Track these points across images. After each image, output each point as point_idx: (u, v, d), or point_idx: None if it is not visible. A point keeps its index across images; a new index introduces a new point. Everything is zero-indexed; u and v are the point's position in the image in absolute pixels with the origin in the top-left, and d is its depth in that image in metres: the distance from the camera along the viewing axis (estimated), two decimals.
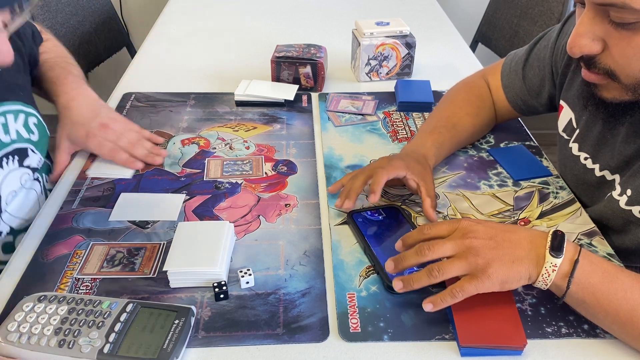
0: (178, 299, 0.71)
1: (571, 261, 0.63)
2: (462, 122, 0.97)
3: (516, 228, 0.67)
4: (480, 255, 0.63)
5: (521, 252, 0.64)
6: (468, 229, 0.66)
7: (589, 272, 0.63)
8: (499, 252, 0.63)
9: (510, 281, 0.64)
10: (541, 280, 0.63)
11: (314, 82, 1.20)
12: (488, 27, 1.94)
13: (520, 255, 0.63)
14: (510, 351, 0.63)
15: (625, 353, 0.64)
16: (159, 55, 1.40)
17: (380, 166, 0.84)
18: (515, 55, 1.01)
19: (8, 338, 0.61)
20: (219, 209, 0.86)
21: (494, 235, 0.65)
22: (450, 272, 0.64)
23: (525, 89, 0.98)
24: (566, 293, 0.63)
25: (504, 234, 0.65)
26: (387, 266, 0.69)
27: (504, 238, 0.65)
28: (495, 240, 0.64)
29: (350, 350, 0.65)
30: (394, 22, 1.24)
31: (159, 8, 1.75)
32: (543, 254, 0.63)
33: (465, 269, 0.64)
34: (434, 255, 0.65)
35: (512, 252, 0.63)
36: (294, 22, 1.61)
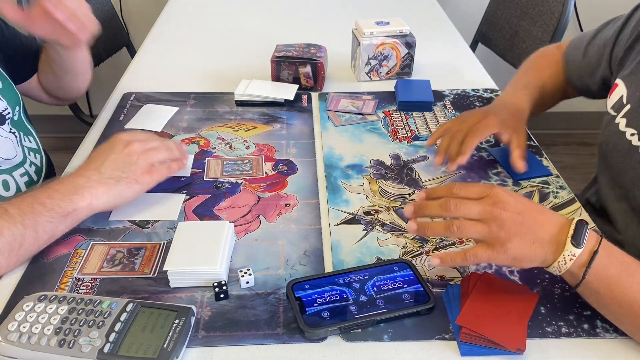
0: (178, 298, 0.71)
1: (590, 252, 0.63)
2: (547, 84, 1.03)
3: (544, 209, 0.67)
4: (504, 227, 0.63)
5: (544, 234, 0.63)
6: (499, 198, 0.65)
7: (607, 264, 0.63)
8: (523, 229, 0.63)
9: (524, 260, 0.64)
10: (556, 266, 0.63)
11: (314, 81, 1.20)
12: (488, 27, 1.94)
13: (542, 238, 0.63)
14: (510, 352, 0.63)
15: (625, 353, 0.64)
16: (159, 55, 1.40)
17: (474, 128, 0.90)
18: (584, 34, 1.04)
19: (8, 338, 0.61)
20: (219, 208, 0.86)
21: (522, 211, 0.64)
22: (469, 232, 0.64)
23: (583, 65, 1.00)
24: (581, 282, 0.63)
25: (532, 212, 0.65)
26: (405, 209, 0.70)
27: (531, 217, 0.64)
28: (523, 217, 0.64)
29: (350, 350, 0.65)
30: (394, 22, 1.24)
31: (159, 8, 1.75)
32: (564, 241, 0.63)
33: (484, 236, 0.64)
34: (458, 212, 0.65)
35: (535, 232, 0.63)
36: (294, 22, 1.61)
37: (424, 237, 0.81)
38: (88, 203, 0.76)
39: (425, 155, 1.00)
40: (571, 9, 1.64)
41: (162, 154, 0.86)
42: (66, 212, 0.74)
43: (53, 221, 0.73)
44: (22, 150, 0.96)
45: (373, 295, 0.69)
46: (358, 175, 0.94)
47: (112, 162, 0.80)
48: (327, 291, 0.70)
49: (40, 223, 0.72)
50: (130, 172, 0.80)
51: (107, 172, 0.79)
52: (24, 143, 0.97)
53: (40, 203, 0.73)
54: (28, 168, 0.96)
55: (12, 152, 0.93)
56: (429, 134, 1.06)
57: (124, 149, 0.82)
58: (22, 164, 0.95)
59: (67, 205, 0.74)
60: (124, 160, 0.81)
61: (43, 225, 0.73)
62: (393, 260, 0.76)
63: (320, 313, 0.67)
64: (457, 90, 1.22)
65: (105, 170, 0.79)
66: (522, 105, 0.96)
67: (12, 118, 0.95)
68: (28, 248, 0.73)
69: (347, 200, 0.88)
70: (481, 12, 1.98)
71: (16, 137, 0.95)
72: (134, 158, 0.81)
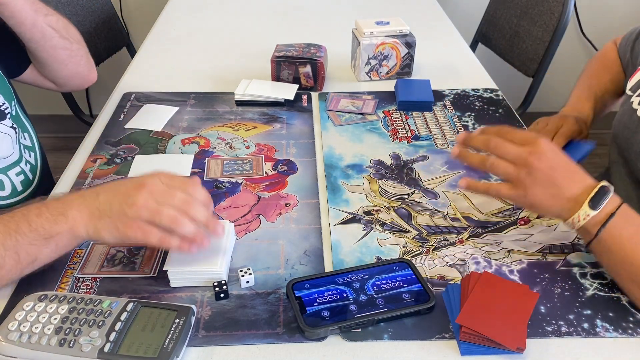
0: (178, 298, 0.71)
1: (607, 214, 0.66)
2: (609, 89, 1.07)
3: (577, 171, 0.70)
4: (531, 175, 0.68)
5: (566, 192, 0.68)
6: (538, 149, 0.69)
7: (622, 225, 0.65)
8: (548, 183, 0.68)
9: (540, 210, 0.71)
10: (570, 222, 0.68)
11: (314, 81, 1.20)
12: (488, 27, 1.94)
13: (563, 195, 0.68)
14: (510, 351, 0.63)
15: (625, 353, 0.65)
16: (159, 55, 1.40)
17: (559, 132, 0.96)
18: (635, 28, 1.07)
19: (9, 337, 0.61)
20: (219, 208, 0.86)
21: (555, 167, 0.68)
22: (500, 170, 0.71)
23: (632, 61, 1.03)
24: (594, 239, 0.67)
25: (564, 171, 0.69)
26: (457, 137, 0.77)
27: (561, 174, 0.68)
28: (553, 172, 0.68)
29: (350, 349, 0.65)
30: (394, 22, 1.24)
31: (159, 8, 1.75)
32: (582, 202, 0.67)
33: (511, 178, 0.70)
34: (495, 151, 0.71)
35: (559, 188, 0.68)
36: (294, 22, 1.61)
37: (424, 238, 0.81)
38: (70, 227, 0.68)
39: (425, 155, 1.00)
40: (571, 9, 1.64)
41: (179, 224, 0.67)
42: (49, 235, 0.67)
43: (36, 243, 0.67)
44: (18, 148, 0.96)
45: (373, 294, 0.69)
46: (358, 175, 0.94)
47: (112, 194, 0.69)
48: (327, 291, 0.70)
49: (23, 245, 0.66)
50: (118, 216, 0.67)
51: (100, 201, 0.69)
52: (20, 140, 0.97)
53: (27, 221, 0.67)
54: (24, 167, 0.96)
55: (9, 150, 0.92)
56: (429, 133, 1.06)
57: (134, 189, 0.68)
58: (17, 162, 0.95)
59: (50, 227, 0.67)
60: (121, 200, 0.68)
61: (25, 248, 0.66)
62: (393, 259, 0.76)
63: (320, 312, 0.67)
64: (457, 90, 1.22)
65: (101, 198, 0.69)
66: (587, 119, 1.02)
67: (11, 113, 0.95)
68: (10, 270, 0.66)
69: (347, 200, 0.88)
70: (481, 12, 1.98)
71: (16, 133, 0.95)
72: (133, 204, 0.67)
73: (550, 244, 0.80)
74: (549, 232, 0.82)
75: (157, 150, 1.00)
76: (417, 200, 0.88)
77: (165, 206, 0.67)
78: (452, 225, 0.84)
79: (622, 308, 0.70)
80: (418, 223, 0.84)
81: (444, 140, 1.04)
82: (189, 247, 0.68)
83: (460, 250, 0.79)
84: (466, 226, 0.83)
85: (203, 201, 0.70)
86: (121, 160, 0.98)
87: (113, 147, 1.01)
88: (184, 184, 0.70)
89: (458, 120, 1.11)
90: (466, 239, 0.81)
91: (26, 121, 1.02)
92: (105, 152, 1.00)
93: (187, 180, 0.71)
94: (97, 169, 0.95)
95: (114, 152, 1.00)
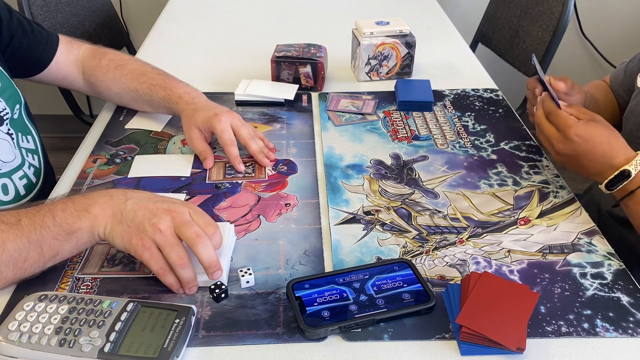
0: (178, 298, 0.71)
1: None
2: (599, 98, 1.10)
3: (604, 156, 0.79)
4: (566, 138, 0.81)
5: (587, 169, 0.82)
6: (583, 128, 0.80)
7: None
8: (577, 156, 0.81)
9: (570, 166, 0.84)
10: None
11: (314, 81, 1.20)
12: (488, 27, 1.94)
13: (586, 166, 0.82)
14: (510, 351, 0.63)
15: (625, 353, 0.65)
16: (159, 55, 1.40)
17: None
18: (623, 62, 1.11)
19: (9, 337, 0.61)
20: (219, 208, 0.86)
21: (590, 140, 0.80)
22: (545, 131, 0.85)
23: (626, 80, 1.07)
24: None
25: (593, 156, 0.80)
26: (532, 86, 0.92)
27: (592, 153, 0.80)
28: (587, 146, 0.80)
29: (350, 349, 0.65)
30: (394, 22, 1.24)
31: (159, 8, 1.75)
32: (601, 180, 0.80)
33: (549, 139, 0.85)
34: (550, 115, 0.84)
35: (581, 160, 0.81)
36: (294, 22, 1.61)
37: (424, 238, 0.81)
38: (91, 224, 0.69)
39: (425, 155, 1.00)
40: (571, 9, 1.64)
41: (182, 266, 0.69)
42: (71, 230, 0.68)
43: (59, 238, 0.68)
44: (19, 152, 0.96)
45: (373, 294, 0.69)
46: (358, 175, 0.94)
47: (139, 205, 0.70)
48: (327, 291, 0.70)
49: (46, 239, 0.67)
50: (137, 228, 0.68)
51: (127, 206, 0.70)
52: (21, 144, 0.97)
53: (53, 215, 0.68)
54: (27, 170, 0.96)
55: (10, 155, 0.92)
56: (429, 133, 1.06)
57: (162, 211, 0.69)
58: (20, 166, 0.95)
59: (73, 222, 0.68)
60: (146, 214, 0.69)
61: (48, 242, 0.68)
62: (393, 259, 0.76)
63: (320, 312, 0.67)
64: (457, 90, 1.22)
65: (129, 204, 0.70)
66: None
67: (11, 117, 0.95)
68: (33, 264, 0.68)
69: (347, 200, 0.88)
70: (481, 12, 1.98)
71: (13, 139, 0.95)
72: (155, 224, 0.68)
73: (550, 244, 0.80)
74: (549, 232, 0.82)
75: (157, 151, 1.00)
76: (417, 200, 0.88)
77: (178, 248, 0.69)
78: (452, 225, 0.84)
79: (622, 308, 0.70)
80: (418, 223, 0.84)
81: (444, 140, 1.04)
82: (178, 290, 0.71)
83: (460, 250, 0.79)
84: (466, 226, 0.83)
85: (215, 245, 0.71)
86: (121, 160, 0.98)
87: (113, 147, 1.01)
88: (205, 223, 0.71)
89: (458, 120, 1.11)
90: (466, 239, 0.81)
91: (30, 124, 1.02)
92: (106, 152, 1.00)
93: (210, 222, 0.72)
94: (97, 169, 0.95)
95: (114, 152, 1.00)
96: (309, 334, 0.65)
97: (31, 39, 1.01)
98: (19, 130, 0.97)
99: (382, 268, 0.73)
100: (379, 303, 0.68)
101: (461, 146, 1.02)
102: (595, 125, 0.81)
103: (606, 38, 2.38)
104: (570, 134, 0.80)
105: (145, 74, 1.06)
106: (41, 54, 1.03)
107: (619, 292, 0.72)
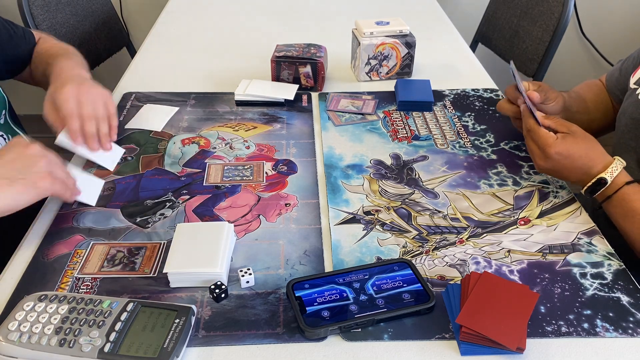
0: (178, 298, 0.71)
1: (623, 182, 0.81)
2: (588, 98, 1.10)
3: (582, 167, 0.83)
4: (547, 156, 0.84)
5: (569, 179, 0.86)
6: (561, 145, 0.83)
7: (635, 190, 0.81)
8: (557, 170, 0.85)
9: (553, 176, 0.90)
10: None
11: (314, 81, 1.20)
12: (488, 27, 1.94)
13: (567, 177, 0.86)
14: (510, 351, 0.63)
15: (625, 352, 0.65)
16: (159, 55, 1.40)
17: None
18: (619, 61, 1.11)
19: (9, 337, 0.61)
20: (219, 208, 0.86)
21: (569, 156, 0.83)
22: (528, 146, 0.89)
23: (621, 78, 1.06)
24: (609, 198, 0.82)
25: (572, 168, 0.84)
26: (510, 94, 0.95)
27: (572, 166, 0.83)
28: (566, 162, 0.83)
29: (350, 349, 0.65)
30: (394, 22, 1.24)
31: (159, 8, 1.75)
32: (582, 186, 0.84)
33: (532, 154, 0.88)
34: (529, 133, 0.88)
35: (562, 173, 0.85)
36: (294, 22, 1.61)
37: (424, 238, 0.81)
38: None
39: (425, 155, 1.00)
40: (571, 9, 1.64)
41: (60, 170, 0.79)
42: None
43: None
44: None
45: (373, 294, 0.69)
46: (358, 175, 0.94)
47: (9, 162, 0.75)
48: (327, 290, 0.70)
49: None
50: (29, 174, 0.74)
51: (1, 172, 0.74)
52: None
53: None
54: None
55: None
56: (429, 133, 1.06)
57: (24, 150, 0.76)
58: None
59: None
60: (24, 161, 0.75)
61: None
62: (393, 259, 0.76)
63: (320, 312, 0.67)
64: (457, 90, 1.22)
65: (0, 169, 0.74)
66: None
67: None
68: None
69: (347, 200, 0.88)
70: (481, 12, 1.98)
71: (4, 139, 0.95)
72: (35, 160, 0.76)
73: (550, 244, 0.80)
74: (549, 232, 0.82)
75: (157, 151, 1.00)
76: (417, 201, 0.88)
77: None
78: (452, 225, 0.84)
79: (622, 308, 0.70)
80: (418, 223, 0.84)
81: (444, 140, 1.04)
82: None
83: (460, 250, 0.79)
84: (466, 226, 0.83)
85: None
86: (121, 160, 0.97)
87: None
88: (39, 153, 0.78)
89: (458, 120, 1.11)
90: (466, 239, 0.81)
91: (17, 128, 1.02)
92: None
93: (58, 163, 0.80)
94: (97, 169, 0.95)
95: None
96: (309, 334, 0.65)
97: (15, 41, 1.03)
98: (9, 133, 0.98)
99: (382, 268, 0.73)
100: (379, 303, 0.68)
101: (461, 146, 1.02)
102: (572, 141, 0.84)
103: (606, 38, 2.38)
104: (550, 153, 0.84)
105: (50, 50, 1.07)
106: (24, 52, 1.05)
107: (619, 292, 0.72)
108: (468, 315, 0.65)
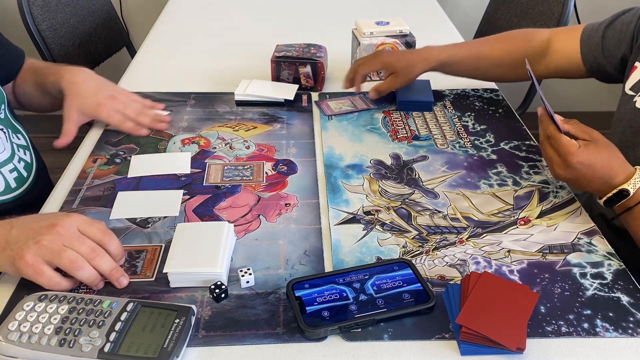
0: (178, 298, 0.71)
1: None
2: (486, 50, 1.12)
3: (604, 177, 0.79)
4: (568, 166, 0.80)
5: (587, 189, 0.83)
6: (584, 154, 0.79)
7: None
8: (577, 179, 0.81)
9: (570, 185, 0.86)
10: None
11: (314, 81, 1.20)
12: (488, 27, 1.94)
13: (586, 187, 0.82)
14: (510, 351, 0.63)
15: (625, 352, 0.65)
16: (159, 55, 1.40)
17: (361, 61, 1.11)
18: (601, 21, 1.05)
19: (9, 337, 0.61)
20: (219, 208, 0.86)
21: (591, 166, 0.79)
22: (546, 153, 0.83)
23: (600, 46, 1.01)
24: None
25: (593, 178, 0.80)
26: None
27: (593, 176, 0.79)
28: (587, 172, 0.79)
29: (350, 349, 0.65)
30: (394, 22, 1.24)
31: (159, 8, 1.75)
32: (601, 197, 0.81)
33: (550, 162, 0.83)
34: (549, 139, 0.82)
35: (582, 182, 0.81)
36: (294, 22, 1.61)
37: (424, 238, 0.81)
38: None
39: (425, 155, 1.00)
40: (571, 9, 1.64)
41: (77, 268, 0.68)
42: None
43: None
44: (10, 146, 0.96)
45: (373, 294, 0.69)
46: (358, 175, 0.94)
47: (23, 230, 0.69)
48: (327, 290, 0.70)
49: None
50: (18, 250, 0.67)
51: (12, 234, 0.69)
52: (12, 140, 0.98)
53: None
54: (17, 164, 0.96)
55: (0, 147, 0.94)
56: (429, 134, 1.06)
57: (45, 228, 0.68)
58: (10, 159, 0.95)
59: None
60: (29, 235, 0.68)
61: None
62: (393, 259, 0.76)
63: (320, 312, 0.67)
64: (457, 90, 1.22)
65: (14, 232, 0.69)
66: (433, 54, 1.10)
67: None
68: None
69: (347, 200, 0.88)
70: (481, 12, 1.98)
71: (5, 133, 0.95)
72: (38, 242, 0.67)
73: (550, 244, 0.80)
74: (549, 232, 0.82)
75: (157, 150, 1.00)
76: (417, 201, 0.88)
77: (68, 250, 0.67)
78: (452, 225, 0.84)
79: (622, 308, 0.70)
80: (418, 223, 0.84)
81: (444, 140, 1.04)
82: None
83: (460, 250, 0.79)
84: (466, 226, 0.83)
85: (114, 253, 0.71)
86: (121, 160, 0.98)
87: (113, 147, 1.01)
88: (98, 233, 0.71)
89: (458, 120, 1.11)
90: (466, 239, 0.81)
91: (17, 124, 1.03)
92: (105, 152, 1.00)
93: (103, 231, 0.72)
94: (97, 169, 0.95)
95: (114, 152, 1.00)
96: (309, 334, 0.65)
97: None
98: (9, 127, 0.98)
99: (382, 268, 0.73)
100: (378, 303, 0.68)
101: (461, 146, 1.02)
102: (595, 149, 0.79)
103: None
104: (573, 162, 0.79)
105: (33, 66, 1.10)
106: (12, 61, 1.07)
107: (619, 292, 0.72)
108: (468, 315, 0.65)
